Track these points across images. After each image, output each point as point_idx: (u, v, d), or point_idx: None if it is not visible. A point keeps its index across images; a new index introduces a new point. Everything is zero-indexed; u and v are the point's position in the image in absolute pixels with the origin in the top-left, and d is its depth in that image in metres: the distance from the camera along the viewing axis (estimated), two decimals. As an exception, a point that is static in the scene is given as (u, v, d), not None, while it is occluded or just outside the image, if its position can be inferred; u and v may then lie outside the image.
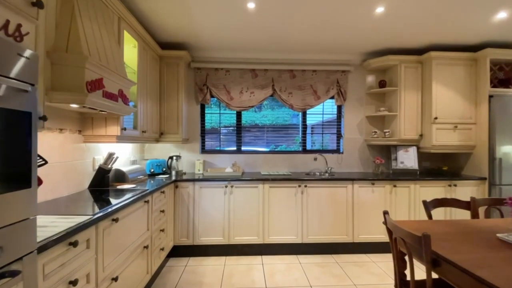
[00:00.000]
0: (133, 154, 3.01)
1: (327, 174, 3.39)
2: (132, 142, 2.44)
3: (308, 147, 3.68)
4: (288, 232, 2.92)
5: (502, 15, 2.36)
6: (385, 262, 2.78)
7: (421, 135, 3.31)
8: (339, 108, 3.67)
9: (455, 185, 3.05)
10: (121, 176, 2.45)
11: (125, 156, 2.83)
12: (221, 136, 3.57)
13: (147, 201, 2.04)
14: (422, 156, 3.57)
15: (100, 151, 2.34)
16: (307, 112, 3.64)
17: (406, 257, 1.45)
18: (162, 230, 2.44)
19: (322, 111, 3.67)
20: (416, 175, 3.24)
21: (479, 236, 1.49)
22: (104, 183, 2.19)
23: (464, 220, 1.81)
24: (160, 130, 3.06)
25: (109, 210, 1.49)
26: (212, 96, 3.43)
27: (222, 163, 3.46)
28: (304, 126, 3.63)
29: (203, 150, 3.53)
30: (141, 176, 2.67)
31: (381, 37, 2.92)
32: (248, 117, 3.62)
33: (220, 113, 3.56)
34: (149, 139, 2.79)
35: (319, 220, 2.95)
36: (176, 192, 2.85)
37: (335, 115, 3.69)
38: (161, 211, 2.41)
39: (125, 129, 2.16)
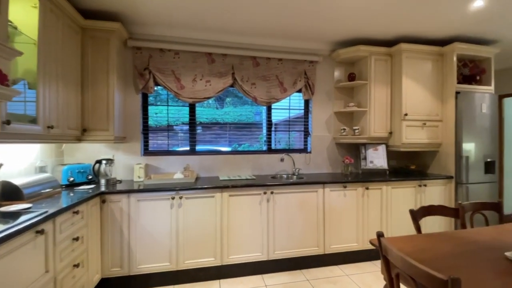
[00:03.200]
0: (41, 158, 2.21)
1: (295, 177, 2.99)
2: (30, 142, 1.69)
3: (273, 146, 3.24)
4: (252, 248, 2.43)
5: (479, 3, 2.18)
6: (358, 275, 2.48)
7: (390, 133, 3.12)
8: (307, 103, 3.30)
9: (425, 185, 2.91)
10: (11, 192, 1.68)
11: (27, 162, 2.03)
12: (170, 134, 2.92)
13: (40, 231, 1.35)
14: (390, 154, 3.40)
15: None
16: (273, 107, 3.19)
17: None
18: (77, 265, 1.74)
19: (288, 105, 3.26)
20: (385, 175, 3.04)
21: (486, 256, 1.19)
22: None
23: (459, 232, 1.53)
24: (82, 126, 2.30)
25: None
26: (157, 84, 2.76)
27: (171, 167, 2.82)
28: (269, 122, 3.18)
29: (146, 152, 2.84)
30: (48, 190, 1.90)
31: (349, 25, 2.59)
32: (208, 114, 3.04)
33: (168, 106, 2.90)
34: (62, 137, 2.04)
35: (287, 231, 2.52)
36: (104, 209, 2.14)
37: (303, 111, 3.32)
38: (74, 239, 1.71)
39: (8, 122, 1.42)
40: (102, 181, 2.38)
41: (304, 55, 3.09)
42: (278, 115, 3.26)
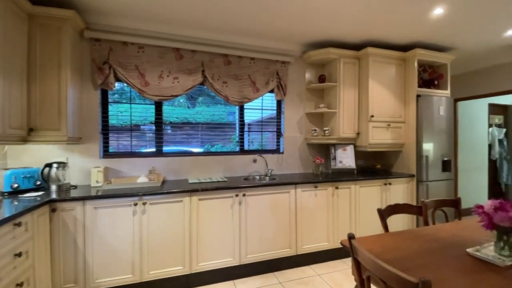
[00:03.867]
0: (-25, 162, 1.90)
1: (267, 178, 2.95)
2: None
3: (246, 147, 3.18)
4: (223, 254, 2.34)
5: (438, 11, 2.33)
6: (329, 274, 2.51)
7: (358, 133, 3.22)
8: (279, 103, 3.29)
9: (389, 184, 3.04)
10: None
11: (-44, 166, 1.73)
12: (137, 135, 2.71)
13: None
14: (357, 154, 3.52)
15: None
16: (245, 107, 3.13)
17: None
18: (21, 284, 1.51)
19: (261, 106, 3.22)
20: (354, 174, 3.13)
21: (450, 253, 1.24)
22: None
23: (423, 229, 1.59)
24: (28, 125, 2.02)
25: None
26: (118, 80, 2.54)
27: (135, 170, 2.62)
28: (242, 123, 3.11)
29: (106, 154, 2.60)
30: (-18, 199, 1.64)
31: (319, 27, 2.62)
32: (179, 113, 2.88)
33: (130, 103, 2.69)
34: (3, 138, 1.77)
35: (259, 234, 2.47)
36: (54, 218, 1.90)
37: (275, 111, 3.30)
38: (16, 254, 1.48)
39: None
40: (53, 187, 2.12)
41: (276, 55, 3.07)
42: (251, 116, 3.20)
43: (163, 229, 2.15)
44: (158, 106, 2.76)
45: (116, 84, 2.57)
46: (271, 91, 3.15)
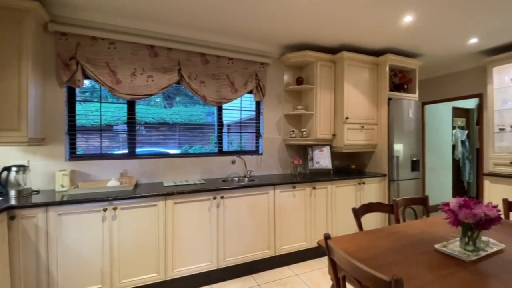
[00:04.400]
0: None
1: (246, 179, 2.93)
2: None
3: (225, 148, 3.13)
4: (200, 258, 2.28)
5: (408, 18, 2.46)
6: (307, 273, 2.55)
7: (334, 135, 3.31)
8: (258, 104, 3.28)
9: (363, 183, 3.16)
10: None
11: None
12: (109, 135, 2.56)
13: None
14: (333, 155, 3.62)
15: None
16: (224, 108, 3.08)
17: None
18: (-30, 303, 1.36)
19: (240, 106, 3.20)
20: (330, 174, 3.21)
21: (420, 250, 1.30)
22: None
23: (394, 227, 1.65)
24: (-20, 124, 1.83)
25: None
26: (86, 77, 2.39)
27: (105, 173, 2.47)
28: (220, 124, 3.06)
29: (73, 156, 2.43)
30: None
31: (297, 30, 2.66)
32: (155, 113, 2.76)
33: (100, 102, 2.54)
34: (-52, 139, 1.58)
35: (238, 236, 2.44)
36: (13, 227, 1.73)
37: (254, 112, 3.29)
38: (-37, 270, 1.33)
39: None
40: (12, 193, 1.94)
41: (255, 56, 3.06)
42: (230, 116, 3.16)
43: (135, 235, 2.04)
44: (131, 105, 2.63)
45: (87, 81, 2.42)
46: (250, 92, 3.14)
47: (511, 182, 3.00)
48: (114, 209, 1.97)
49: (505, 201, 1.93)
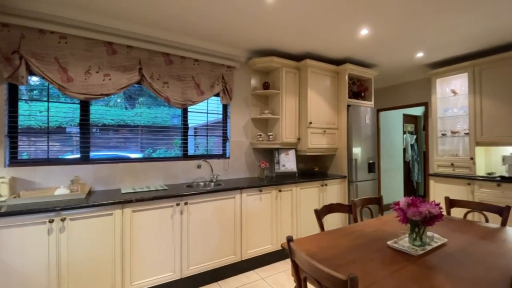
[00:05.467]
0: None
1: (212, 184, 2.87)
2: None
3: (191, 152, 3.04)
4: (162, 268, 2.16)
5: (364, 31, 2.65)
6: (273, 276, 2.57)
7: (299, 139, 3.41)
8: (225, 107, 3.25)
9: (326, 185, 3.30)
10: None
11: None
12: (60, 138, 2.31)
13: None
14: (298, 158, 3.74)
15: None
16: (190, 110, 3.00)
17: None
18: None
19: (206, 109, 3.13)
20: (295, 177, 3.30)
21: (374, 247, 1.39)
22: None
23: (352, 226, 1.75)
24: None
25: None
26: (32, 73, 2.14)
27: (53, 180, 2.22)
28: (185, 126, 2.96)
29: (14, 161, 2.15)
30: None
31: (263, 36, 2.71)
32: (115, 115, 2.57)
33: (48, 101, 2.29)
34: None
35: (203, 243, 2.37)
36: None
37: (221, 116, 3.25)
38: None
39: None
40: None
41: (222, 59, 3.04)
42: (196, 119, 3.08)
43: (88, 248, 1.86)
44: (85, 106, 2.42)
45: (36, 78, 2.17)
46: (217, 95, 3.10)
47: (452, 182, 3.38)
48: (63, 220, 1.77)
49: (447, 199, 2.16)
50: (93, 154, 2.47)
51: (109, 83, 2.37)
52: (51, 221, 1.74)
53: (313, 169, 3.67)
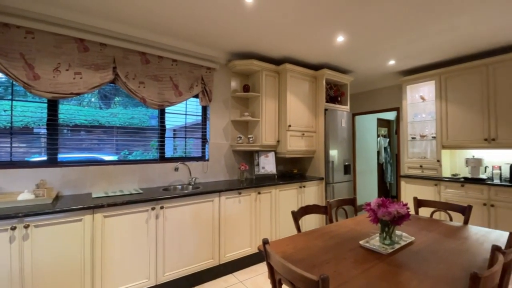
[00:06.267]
0: None
1: (190, 187, 2.82)
2: None
3: (170, 154, 2.96)
4: (136, 275, 2.08)
5: (340, 39, 2.75)
6: (252, 279, 2.56)
7: (278, 141, 3.46)
8: (205, 109, 3.22)
9: (304, 186, 3.36)
10: None
11: None
12: (27, 139, 2.16)
13: None
14: (278, 160, 3.78)
15: None
16: (167, 112, 2.93)
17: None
18: None
19: (185, 111, 3.08)
20: (275, 179, 3.33)
21: (347, 247, 1.44)
22: None
23: (327, 227, 1.80)
24: None
25: None
26: (-8, 69, 1.99)
27: (16, 184, 2.07)
28: (162, 128, 2.89)
29: (-31, 163, 1.98)
30: None
31: (242, 39, 2.73)
32: (88, 114, 2.45)
33: (12, 100, 2.13)
34: None
35: (180, 248, 2.31)
36: None
37: (200, 117, 3.21)
38: None
39: None
40: None
41: (201, 60, 3.00)
42: (175, 121, 3.01)
43: (54, 256, 1.75)
44: (53, 105, 2.28)
45: (0, 75, 2.01)
46: (196, 96, 3.06)
47: (420, 182, 3.59)
48: (26, 227, 1.65)
49: (415, 199, 2.28)
50: (62, 156, 2.33)
51: (80, 82, 2.25)
52: (13, 228, 1.61)
53: (292, 171, 3.73)
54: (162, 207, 2.19)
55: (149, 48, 2.64)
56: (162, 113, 2.89)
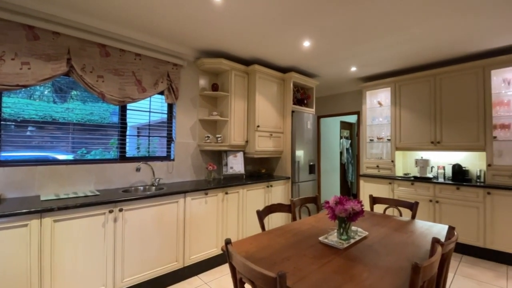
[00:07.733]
0: None
1: (154, 188, 2.71)
2: None
3: (132, 153, 2.81)
4: (91, 283, 1.94)
5: (306, 43, 2.86)
6: (217, 280, 2.55)
7: (247, 141, 3.48)
8: (171, 107, 3.11)
9: (271, 186, 3.43)
10: None
11: None
12: None
13: None
14: (246, 160, 3.80)
15: None
16: (129, 108, 2.78)
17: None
18: None
19: (149, 108, 2.95)
20: (243, 179, 3.34)
21: (308, 243, 1.50)
22: None
23: (290, 225, 1.86)
24: None
25: None
26: None
27: None
28: (123, 126, 2.73)
29: None
30: None
31: (211, 37, 2.70)
32: (40, 109, 2.22)
33: None
34: None
35: (140, 252, 2.21)
36: None
37: (166, 115, 3.10)
38: None
39: None
40: None
41: (167, 56, 2.90)
42: (138, 118, 2.86)
43: (-8, 266, 1.56)
44: (-6, 97, 2.03)
45: None
46: (161, 93, 2.95)
47: (377, 181, 3.87)
48: (-46, 235, 1.45)
49: (371, 196, 2.46)
50: (5, 154, 2.08)
51: (28, 73, 2.03)
52: None
53: (260, 171, 3.78)
54: (121, 210, 2.07)
55: (110, 40, 2.48)
56: (123, 109, 2.73)
